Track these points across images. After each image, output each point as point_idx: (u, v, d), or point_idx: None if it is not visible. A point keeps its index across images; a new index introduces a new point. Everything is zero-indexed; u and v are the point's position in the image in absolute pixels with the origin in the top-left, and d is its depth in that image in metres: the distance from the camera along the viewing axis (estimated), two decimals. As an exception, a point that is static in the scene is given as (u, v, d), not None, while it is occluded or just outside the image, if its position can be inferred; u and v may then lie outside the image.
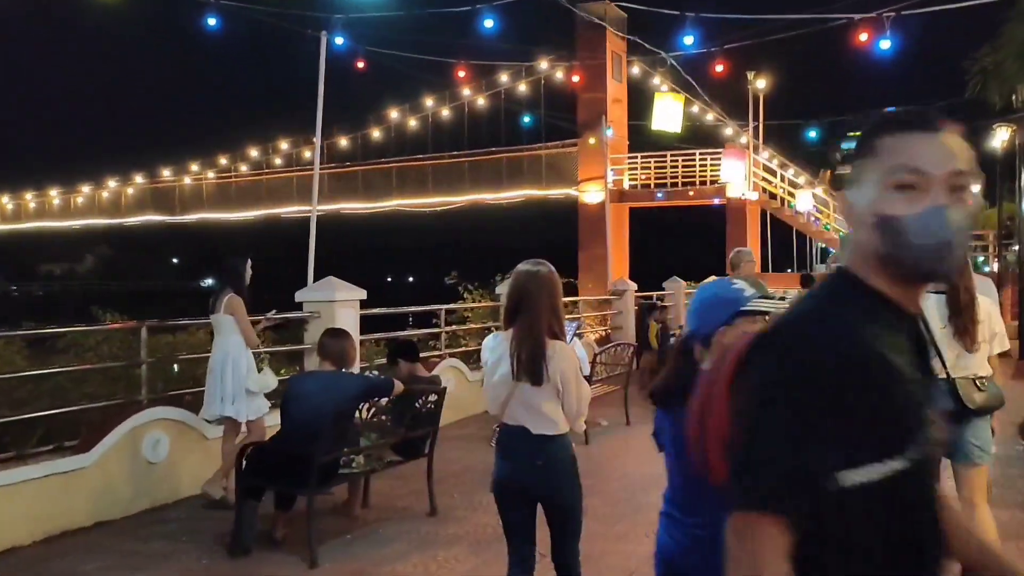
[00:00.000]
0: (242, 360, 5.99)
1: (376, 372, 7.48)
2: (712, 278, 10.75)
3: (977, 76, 14.29)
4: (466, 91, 29.49)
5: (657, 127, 24.69)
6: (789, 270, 27.74)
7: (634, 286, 16.63)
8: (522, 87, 28.89)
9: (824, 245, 26.96)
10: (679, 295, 20.09)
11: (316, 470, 5.07)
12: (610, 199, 27.09)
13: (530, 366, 3.40)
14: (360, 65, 18.06)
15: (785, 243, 28.65)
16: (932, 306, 3.93)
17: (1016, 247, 20.91)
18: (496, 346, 3.57)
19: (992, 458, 4.30)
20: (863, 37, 13.21)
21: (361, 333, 8.57)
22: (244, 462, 5.31)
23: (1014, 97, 13.78)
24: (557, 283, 3.56)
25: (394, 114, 31.32)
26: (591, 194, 27.24)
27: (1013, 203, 22.71)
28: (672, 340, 13.24)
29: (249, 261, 6.16)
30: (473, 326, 12.80)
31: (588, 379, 8.79)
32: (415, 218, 31.71)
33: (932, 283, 1.40)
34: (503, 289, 9.88)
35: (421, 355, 10.06)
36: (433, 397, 6.12)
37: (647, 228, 30.60)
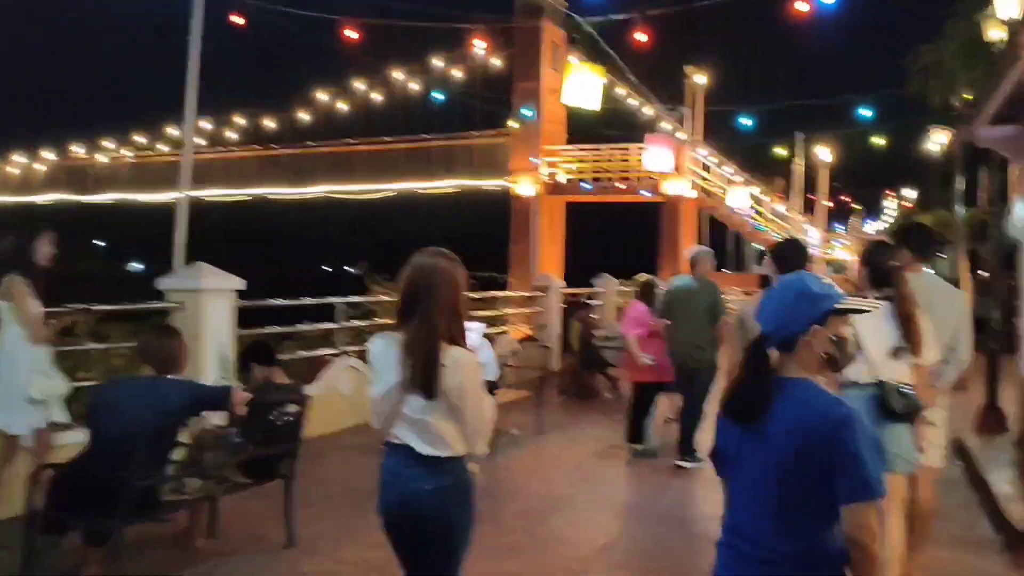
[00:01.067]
0: (20, 359, 4.87)
1: (225, 379, 6.44)
2: (643, 276, 10.17)
3: (918, 73, 13.79)
4: (398, 75, 28.33)
5: (569, 101, 23.75)
6: (724, 270, 27.30)
7: (560, 283, 15.77)
8: (457, 73, 27.85)
9: (760, 247, 26.48)
10: (610, 293, 19.38)
11: (129, 497, 4.08)
12: (544, 191, 26.32)
13: (422, 377, 2.88)
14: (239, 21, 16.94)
15: (719, 243, 28.24)
16: (879, 315, 3.83)
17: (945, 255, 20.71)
18: (383, 350, 3.03)
19: (911, 467, 4.08)
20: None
21: (242, 328, 7.54)
22: (47, 488, 4.28)
23: (952, 100, 13.30)
24: (458, 278, 3.03)
25: (324, 96, 29.95)
26: (524, 186, 26.39)
27: (947, 209, 22.68)
28: (595, 342, 12.50)
29: (48, 237, 5.04)
30: (380, 321, 11.79)
31: (494, 385, 8.03)
32: (346, 206, 30.43)
33: None
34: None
35: (317, 353, 9.41)
36: (293, 408, 5.16)
37: (588, 224, 29.86)
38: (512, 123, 25.44)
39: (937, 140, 16.95)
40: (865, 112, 23.88)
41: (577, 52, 26.17)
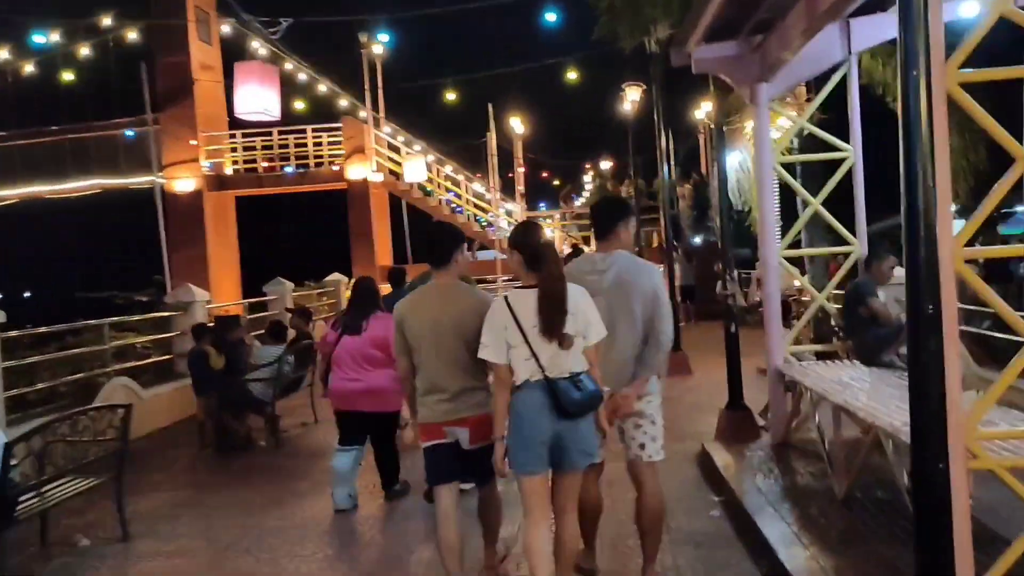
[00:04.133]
0: None
1: None
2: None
3: (606, 14, 11.85)
4: (4, 54, 22.59)
5: (243, 113, 20.11)
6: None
7: (204, 295, 12.15)
8: (85, 51, 22.70)
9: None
10: (284, 300, 16.03)
11: None
12: (207, 186, 22.20)
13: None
14: None
15: (420, 232, 25.65)
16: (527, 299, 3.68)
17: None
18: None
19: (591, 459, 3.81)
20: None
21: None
22: None
23: (648, 41, 11.48)
24: None
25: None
26: (181, 182, 22.06)
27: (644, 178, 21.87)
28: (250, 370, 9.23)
29: None
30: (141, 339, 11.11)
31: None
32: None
33: None
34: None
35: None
36: None
37: (262, 220, 26.01)
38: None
39: (632, 98, 15.40)
40: (562, 76, 22.32)
41: (231, 21, 22.30)
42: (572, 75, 22.46)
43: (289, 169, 22.09)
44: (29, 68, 23.07)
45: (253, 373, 9.06)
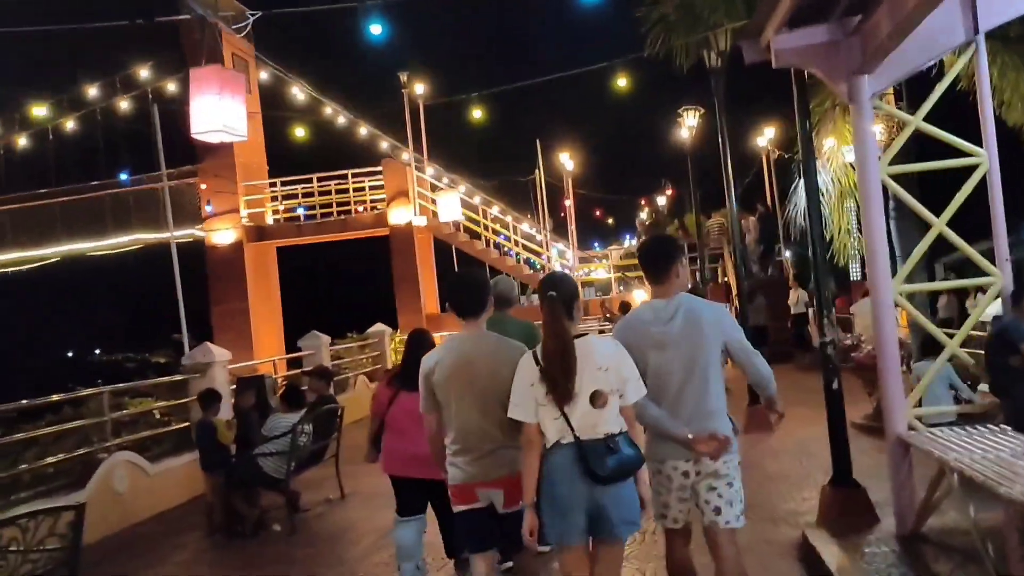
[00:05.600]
0: None
1: None
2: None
3: (657, 28, 10.57)
4: (42, 111, 22.32)
5: (199, 132, 18.25)
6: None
7: (225, 354, 11.02)
8: (124, 104, 22.32)
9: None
10: (322, 355, 14.92)
11: None
12: (247, 237, 21.44)
13: None
14: None
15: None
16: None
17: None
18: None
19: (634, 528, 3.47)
20: None
21: None
22: None
23: (708, 55, 10.17)
24: None
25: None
26: (222, 234, 21.35)
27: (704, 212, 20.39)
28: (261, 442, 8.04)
29: None
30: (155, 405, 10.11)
31: None
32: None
33: None
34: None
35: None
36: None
37: (302, 271, 25.19)
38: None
39: (690, 124, 14.05)
40: (611, 106, 21.14)
41: (268, 67, 21.71)
42: (622, 104, 21.27)
43: (301, 211, 21.19)
44: (70, 124, 22.80)
45: (264, 446, 7.84)
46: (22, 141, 23.13)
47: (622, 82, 14.47)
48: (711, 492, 3.73)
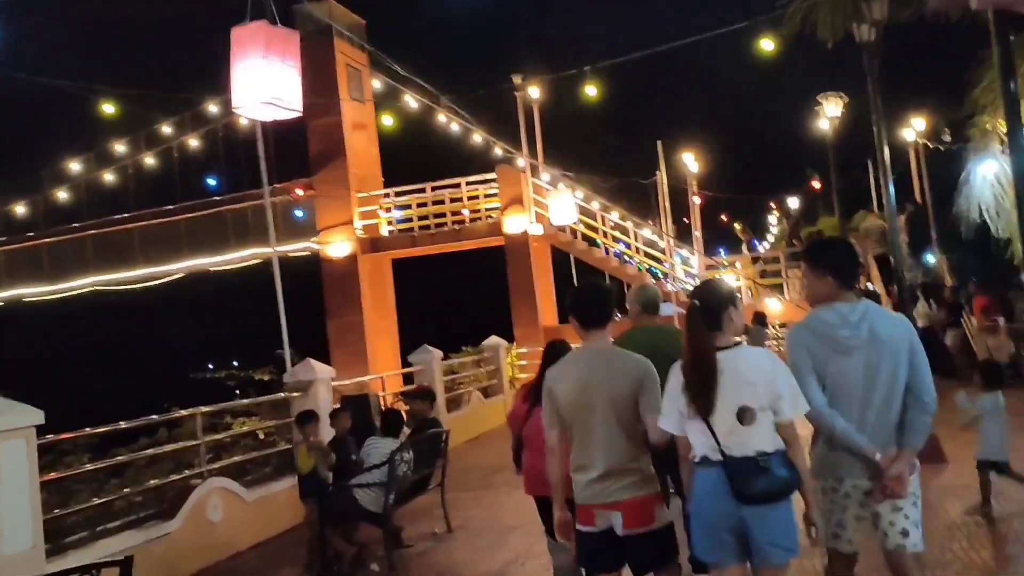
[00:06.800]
0: None
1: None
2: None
3: (797, 4, 9.26)
4: (167, 129, 22.77)
5: (242, 106, 16.56)
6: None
7: (329, 371, 10.38)
8: (243, 121, 22.44)
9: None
10: (434, 370, 14.21)
11: None
12: (362, 249, 21.13)
13: None
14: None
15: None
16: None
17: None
18: None
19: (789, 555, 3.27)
20: None
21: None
22: None
23: (859, 29, 8.82)
24: None
25: (76, 166, 23.89)
26: (336, 246, 21.12)
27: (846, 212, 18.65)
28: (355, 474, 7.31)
29: None
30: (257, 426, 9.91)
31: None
32: (117, 299, 24.26)
33: None
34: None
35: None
36: None
37: (417, 283, 24.76)
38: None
39: (831, 112, 12.58)
40: (738, 98, 19.70)
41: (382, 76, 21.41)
42: (750, 93, 19.76)
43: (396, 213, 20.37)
44: (194, 142, 23.19)
45: (361, 476, 7.07)
46: (148, 160, 23.66)
47: (750, 67, 13.13)
48: (896, 513, 3.52)
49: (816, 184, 21.60)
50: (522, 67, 20.29)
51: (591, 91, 17.03)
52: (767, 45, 10.78)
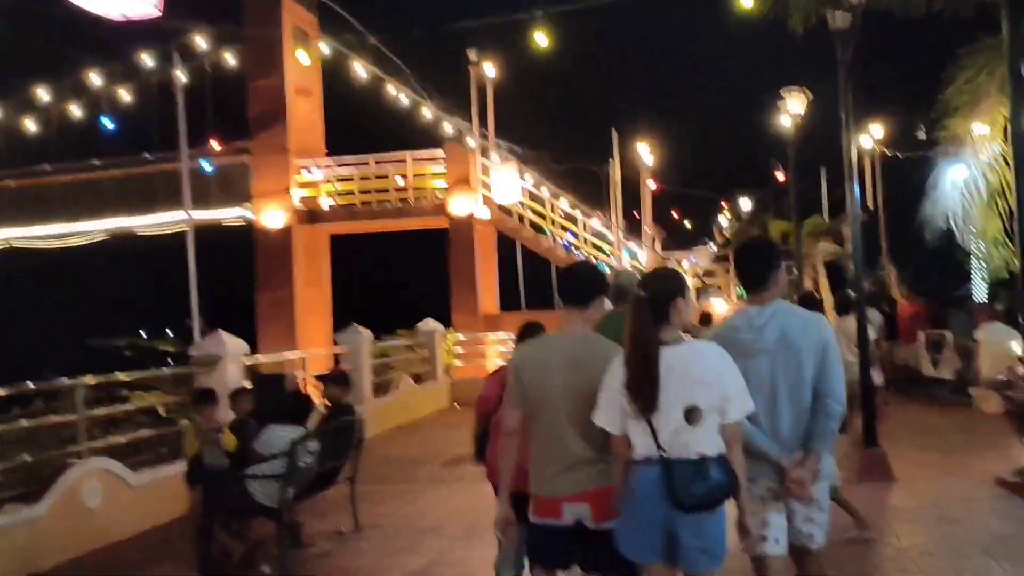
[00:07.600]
0: None
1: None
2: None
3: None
4: (97, 79, 21.37)
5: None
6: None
7: (239, 345, 9.48)
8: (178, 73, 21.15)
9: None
10: (362, 352, 13.36)
11: None
12: (298, 220, 20.12)
13: None
14: None
15: (533, 275, 22.62)
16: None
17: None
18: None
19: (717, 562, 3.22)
20: None
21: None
22: None
23: (833, 16, 8.23)
24: None
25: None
26: (271, 215, 20.06)
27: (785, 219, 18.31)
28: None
29: None
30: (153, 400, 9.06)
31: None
32: (37, 256, 22.80)
33: None
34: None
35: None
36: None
37: (356, 260, 23.82)
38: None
39: (792, 107, 12.06)
40: (696, 89, 19.13)
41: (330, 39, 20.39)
42: (710, 87, 19.22)
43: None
44: (124, 95, 21.82)
45: (256, 467, 6.24)
46: (74, 110, 22.20)
47: (710, 58, 12.54)
48: (807, 523, 3.56)
49: (780, 176, 21.26)
50: (479, 43, 19.39)
51: (546, 50, 15.84)
52: (736, 27, 10.20)
